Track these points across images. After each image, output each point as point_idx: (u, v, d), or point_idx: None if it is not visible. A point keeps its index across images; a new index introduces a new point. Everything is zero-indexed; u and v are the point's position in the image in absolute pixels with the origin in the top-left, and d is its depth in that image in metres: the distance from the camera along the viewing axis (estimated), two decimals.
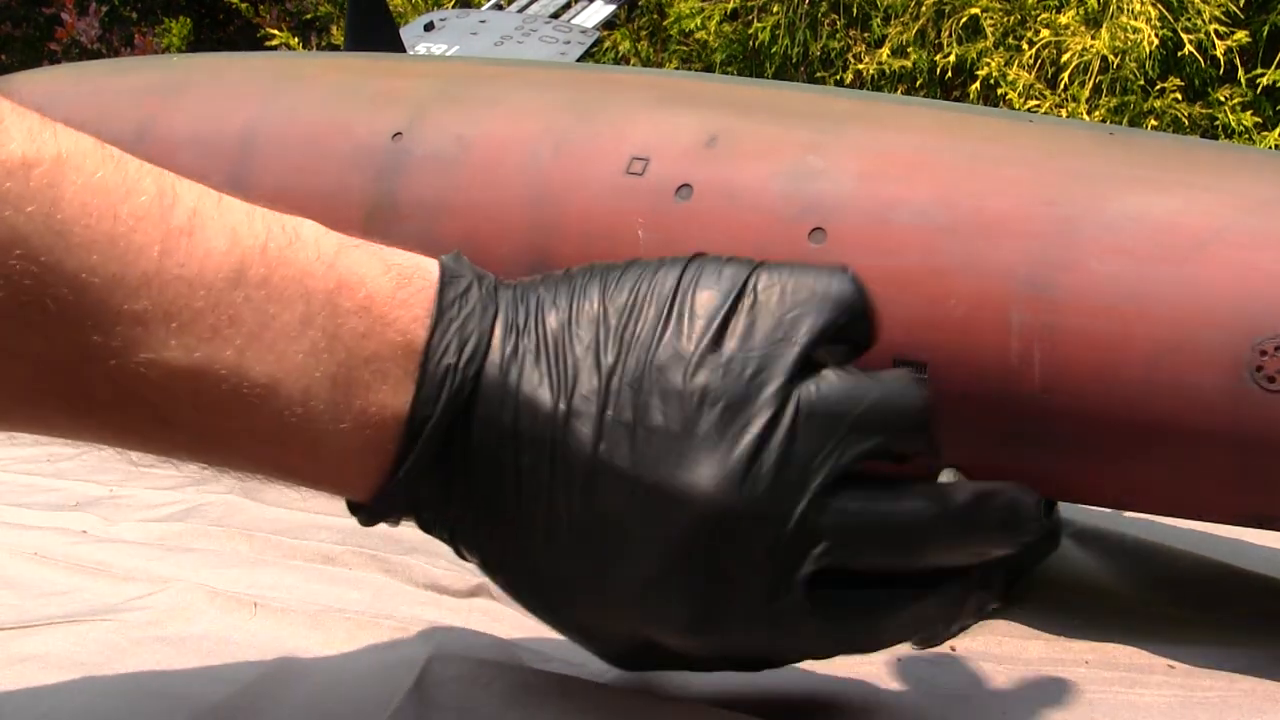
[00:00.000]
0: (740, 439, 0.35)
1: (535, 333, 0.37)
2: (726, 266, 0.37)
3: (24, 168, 0.31)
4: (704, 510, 0.35)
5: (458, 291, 0.37)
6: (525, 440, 0.36)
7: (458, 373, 0.36)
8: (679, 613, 0.36)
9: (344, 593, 0.55)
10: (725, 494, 0.35)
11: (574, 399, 0.36)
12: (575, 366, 0.36)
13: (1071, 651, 0.49)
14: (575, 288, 0.37)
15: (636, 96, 0.60)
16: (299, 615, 0.50)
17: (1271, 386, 0.45)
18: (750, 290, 0.37)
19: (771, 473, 0.35)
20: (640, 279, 0.37)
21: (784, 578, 0.35)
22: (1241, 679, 0.46)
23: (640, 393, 0.36)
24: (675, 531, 0.35)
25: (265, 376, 0.34)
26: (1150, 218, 0.49)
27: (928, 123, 0.56)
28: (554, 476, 0.36)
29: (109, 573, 0.56)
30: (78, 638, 0.48)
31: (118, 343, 0.32)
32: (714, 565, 0.35)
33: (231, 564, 0.59)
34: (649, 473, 0.35)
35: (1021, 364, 0.48)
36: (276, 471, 0.36)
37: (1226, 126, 2.22)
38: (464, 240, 0.59)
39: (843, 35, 2.58)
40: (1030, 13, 2.34)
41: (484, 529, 0.37)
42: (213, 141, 0.68)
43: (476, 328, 0.36)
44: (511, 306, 0.37)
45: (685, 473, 0.35)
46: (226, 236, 0.34)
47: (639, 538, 0.35)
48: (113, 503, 0.72)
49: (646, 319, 0.36)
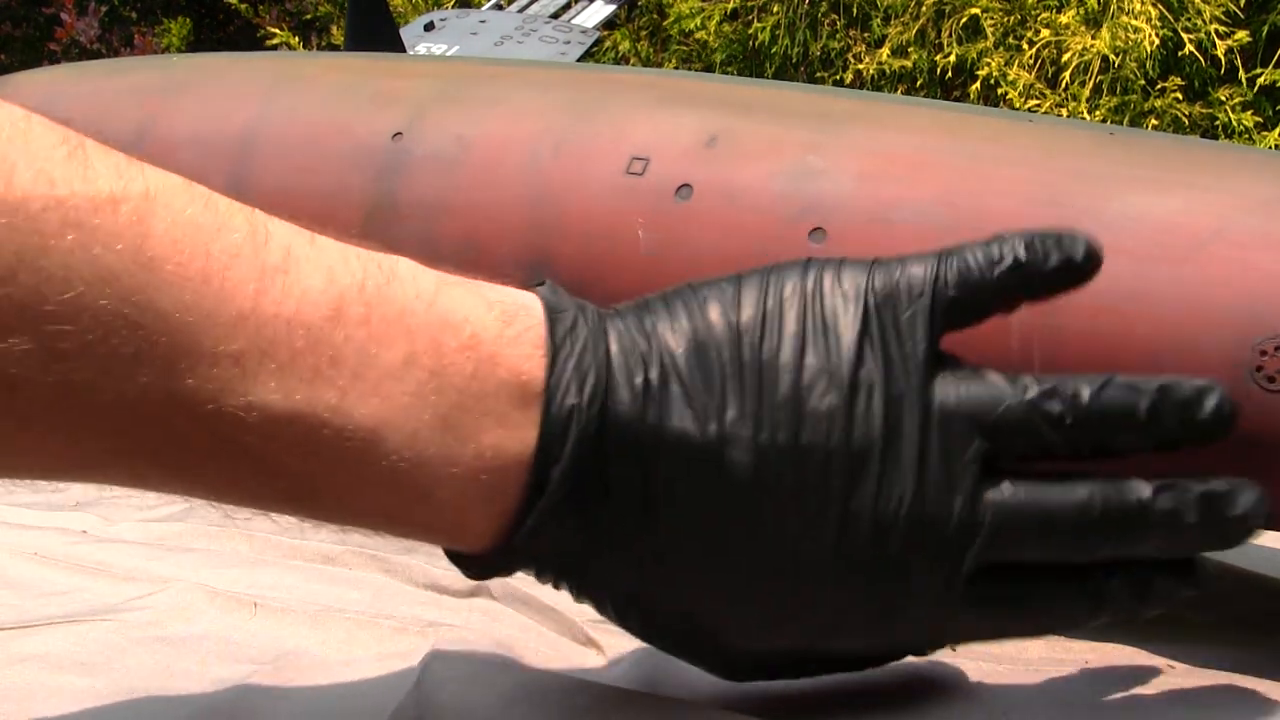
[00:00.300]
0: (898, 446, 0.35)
1: (662, 361, 0.35)
2: (845, 271, 0.36)
3: (111, 204, 0.29)
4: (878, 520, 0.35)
5: (566, 326, 0.35)
6: (672, 473, 0.35)
7: (583, 412, 0.34)
8: (854, 619, 0.36)
9: (344, 593, 0.55)
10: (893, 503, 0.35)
11: (725, 425, 0.35)
12: (716, 391, 0.35)
13: (1071, 651, 0.49)
14: (691, 309, 0.36)
15: (636, 96, 0.60)
16: (299, 615, 0.50)
17: (1271, 386, 0.45)
18: (869, 292, 0.36)
19: (932, 474, 0.35)
20: (762, 292, 0.36)
21: (949, 572, 0.36)
22: (1241, 679, 0.46)
23: (794, 415, 0.35)
24: (849, 543, 0.35)
25: (370, 419, 0.32)
26: (1150, 218, 0.49)
27: (928, 123, 0.56)
28: (711, 505, 0.35)
29: (109, 573, 0.57)
30: (78, 638, 0.48)
31: (213, 385, 0.30)
32: (887, 568, 0.36)
33: (231, 564, 0.59)
34: (817, 492, 0.35)
35: (1021, 364, 0.48)
36: (386, 523, 0.35)
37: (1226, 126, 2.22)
38: (464, 240, 0.59)
39: (843, 35, 2.58)
40: (1030, 13, 2.34)
41: (621, 567, 0.36)
42: (213, 141, 0.68)
43: (593, 362, 0.35)
44: (626, 336, 0.35)
45: (854, 485, 0.35)
46: (323, 275, 0.32)
47: (811, 555, 0.35)
48: (112, 502, 0.72)
49: (784, 336, 0.35)
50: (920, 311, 0.36)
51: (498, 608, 0.52)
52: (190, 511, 0.68)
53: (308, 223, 0.36)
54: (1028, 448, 0.36)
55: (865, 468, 0.35)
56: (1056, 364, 0.48)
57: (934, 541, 0.35)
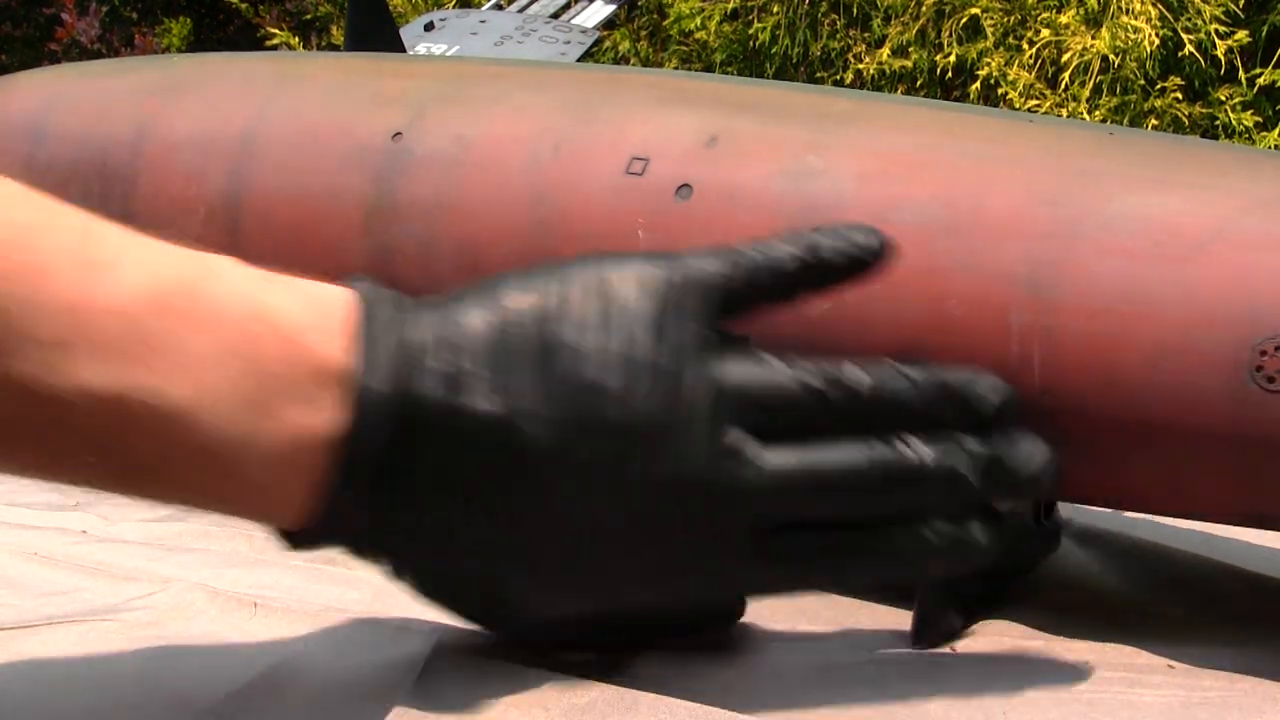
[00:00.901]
0: (680, 419, 0.38)
1: (465, 347, 0.38)
2: (639, 263, 0.40)
3: None
4: (662, 486, 0.38)
5: (377, 317, 0.38)
6: (472, 451, 0.38)
7: (388, 396, 0.37)
8: (644, 579, 0.40)
9: (344, 593, 0.55)
10: (675, 471, 0.39)
11: (523, 405, 0.38)
12: (515, 375, 0.38)
13: (1072, 651, 0.49)
14: (496, 298, 0.39)
15: (636, 96, 0.60)
16: (299, 615, 0.50)
17: (1271, 386, 0.45)
18: (658, 281, 0.40)
19: (709, 445, 0.39)
20: (562, 282, 0.39)
21: (729, 530, 0.39)
22: (1241, 679, 0.46)
23: (586, 393, 0.38)
24: (637, 509, 0.39)
25: (186, 401, 0.35)
26: (1150, 218, 0.49)
27: (928, 123, 0.56)
28: (508, 480, 0.38)
29: (109, 573, 0.57)
30: (78, 638, 0.48)
31: (42, 371, 0.34)
32: (671, 530, 0.39)
33: (232, 564, 0.59)
34: (607, 463, 0.38)
35: (1021, 365, 0.48)
36: (206, 499, 0.38)
37: (1227, 126, 2.22)
38: (464, 240, 0.59)
39: (843, 35, 2.58)
40: (1030, 12, 2.34)
41: (427, 542, 0.39)
42: (213, 141, 0.68)
43: (401, 349, 0.38)
44: (434, 324, 0.39)
45: (641, 456, 0.38)
46: (147, 271, 0.36)
47: (601, 521, 0.39)
48: (112, 502, 0.72)
49: (579, 322, 0.39)
50: (701, 300, 0.40)
51: None
52: (190, 512, 0.68)
53: (307, 222, 0.37)
54: (801, 424, 0.40)
55: (651, 440, 0.38)
56: (1056, 364, 0.48)
57: (713, 504, 0.39)
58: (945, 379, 0.41)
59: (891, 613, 0.52)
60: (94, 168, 0.76)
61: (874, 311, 0.49)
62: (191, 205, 0.74)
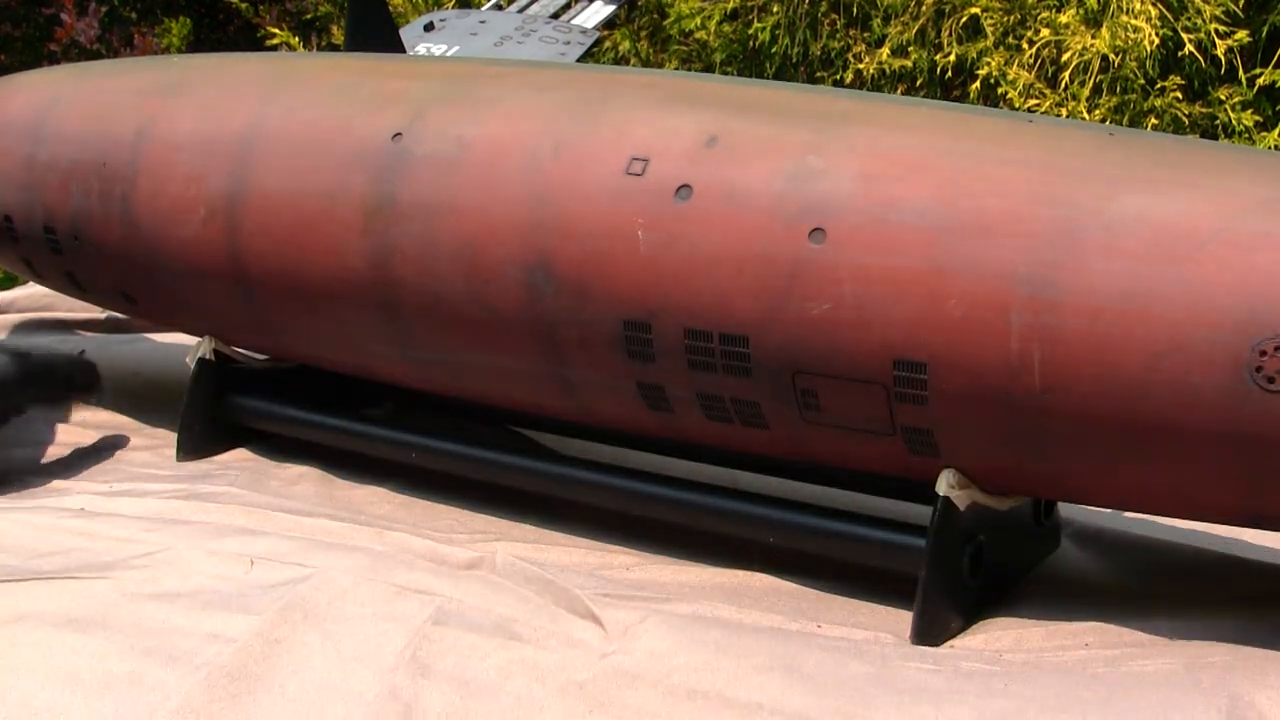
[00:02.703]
0: None
1: None
2: None
3: None
4: None
5: None
6: None
7: None
8: None
9: (341, 558, 0.55)
10: None
11: None
12: None
13: (1073, 636, 0.49)
14: None
15: (636, 96, 0.60)
16: (296, 569, 0.50)
17: (1271, 386, 0.45)
18: None
19: None
20: None
21: None
22: (1241, 648, 0.46)
23: None
24: None
25: None
26: (1150, 218, 0.49)
27: (928, 123, 0.56)
28: None
29: (106, 537, 0.57)
30: (74, 594, 0.48)
31: None
32: None
33: (228, 534, 0.59)
34: None
35: (1021, 364, 0.48)
36: None
37: (1226, 126, 2.21)
38: (464, 240, 0.59)
39: (843, 35, 2.57)
40: (1030, 12, 2.33)
41: None
42: (213, 141, 0.68)
43: None
44: None
45: None
46: None
47: None
48: (109, 486, 0.72)
49: None
50: None
51: (498, 580, 0.52)
52: (191, 494, 0.68)
53: (307, 222, 0.36)
54: None
55: None
56: (1056, 364, 0.48)
57: None
58: None
59: (892, 612, 0.52)
60: (94, 168, 0.75)
61: (874, 311, 0.49)
62: (191, 205, 0.74)
